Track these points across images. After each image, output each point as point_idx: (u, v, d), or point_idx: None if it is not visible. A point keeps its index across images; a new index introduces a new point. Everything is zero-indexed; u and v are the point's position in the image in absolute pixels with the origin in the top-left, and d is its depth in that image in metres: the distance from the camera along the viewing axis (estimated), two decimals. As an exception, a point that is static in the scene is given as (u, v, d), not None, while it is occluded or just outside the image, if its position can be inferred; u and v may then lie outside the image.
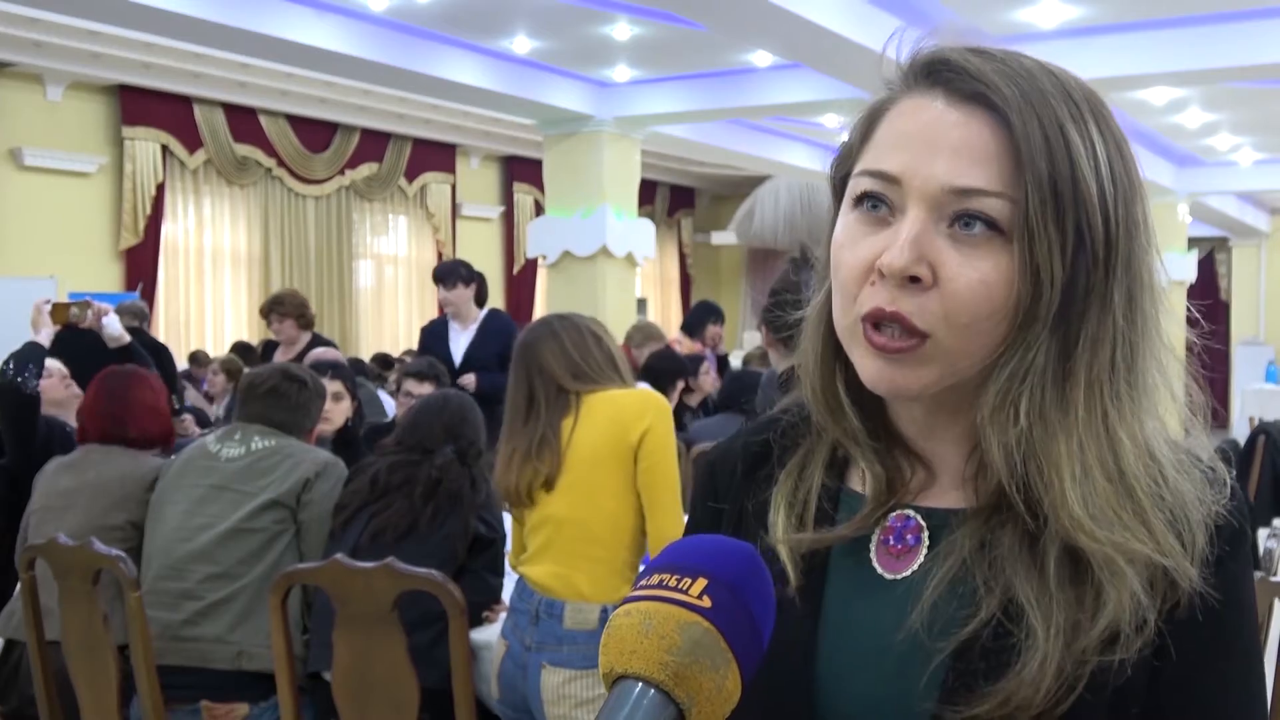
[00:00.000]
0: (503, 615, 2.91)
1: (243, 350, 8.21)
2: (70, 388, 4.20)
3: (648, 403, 2.76)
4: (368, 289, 12.30)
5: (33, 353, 3.84)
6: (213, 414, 6.81)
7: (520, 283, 14.05)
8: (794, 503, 0.94)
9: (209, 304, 10.81)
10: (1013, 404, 0.83)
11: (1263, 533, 4.33)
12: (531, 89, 8.20)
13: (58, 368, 4.18)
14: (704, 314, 7.38)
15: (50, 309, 4.26)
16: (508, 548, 3.27)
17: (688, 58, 8.13)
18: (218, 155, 10.58)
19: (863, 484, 0.93)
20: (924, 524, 0.90)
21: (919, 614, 0.85)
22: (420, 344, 5.93)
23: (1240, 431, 10.40)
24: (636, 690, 0.65)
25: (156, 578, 2.98)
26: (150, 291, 9.91)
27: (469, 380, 5.24)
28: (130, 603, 2.57)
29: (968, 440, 0.88)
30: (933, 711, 0.83)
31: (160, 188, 10.18)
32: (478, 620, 2.92)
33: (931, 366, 0.83)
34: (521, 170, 13.59)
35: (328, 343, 5.80)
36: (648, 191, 13.97)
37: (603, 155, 8.75)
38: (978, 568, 0.84)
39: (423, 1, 6.90)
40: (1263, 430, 6.09)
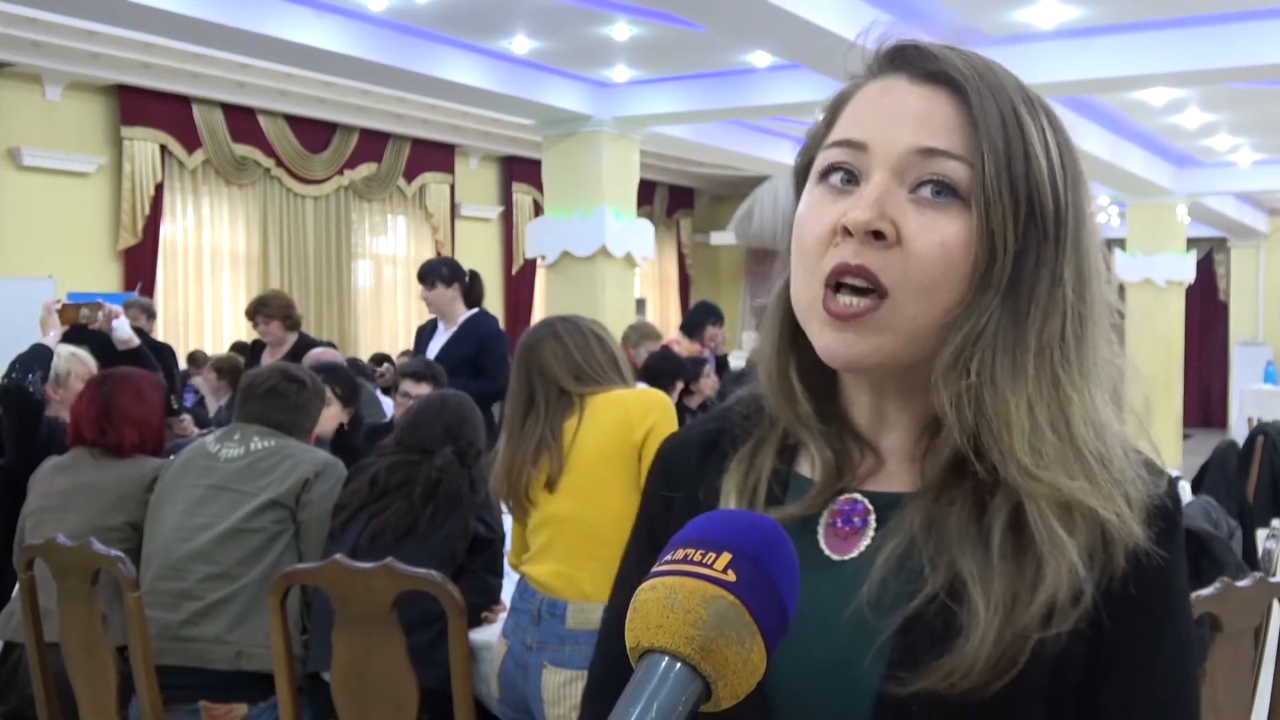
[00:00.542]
0: (502, 616, 2.91)
1: (241, 350, 8.21)
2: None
3: (652, 402, 2.76)
4: (366, 289, 12.30)
5: (38, 356, 3.84)
6: (213, 410, 6.80)
7: (519, 283, 14.05)
8: (744, 488, 0.96)
9: (208, 304, 10.81)
10: (964, 363, 0.86)
11: (1262, 533, 4.33)
12: (530, 89, 8.20)
13: (88, 370, 4.09)
14: (703, 315, 7.37)
15: (60, 310, 4.24)
16: (506, 548, 3.27)
17: (687, 58, 8.13)
18: (216, 155, 10.58)
19: (812, 469, 0.95)
20: (871, 507, 0.93)
21: (868, 590, 0.88)
22: (414, 343, 5.92)
23: (1239, 432, 10.40)
24: (663, 664, 0.66)
25: (155, 578, 2.98)
26: (149, 292, 9.90)
27: None
28: (129, 603, 2.57)
29: (915, 426, 0.92)
30: (878, 687, 0.86)
31: (159, 188, 10.18)
32: (476, 621, 2.91)
33: (886, 334, 0.86)
34: (520, 170, 13.58)
35: (315, 342, 5.77)
36: (647, 192, 13.97)
37: (602, 155, 8.75)
38: (924, 546, 0.87)
39: (422, 2, 6.90)
40: (1262, 430, 6.10)
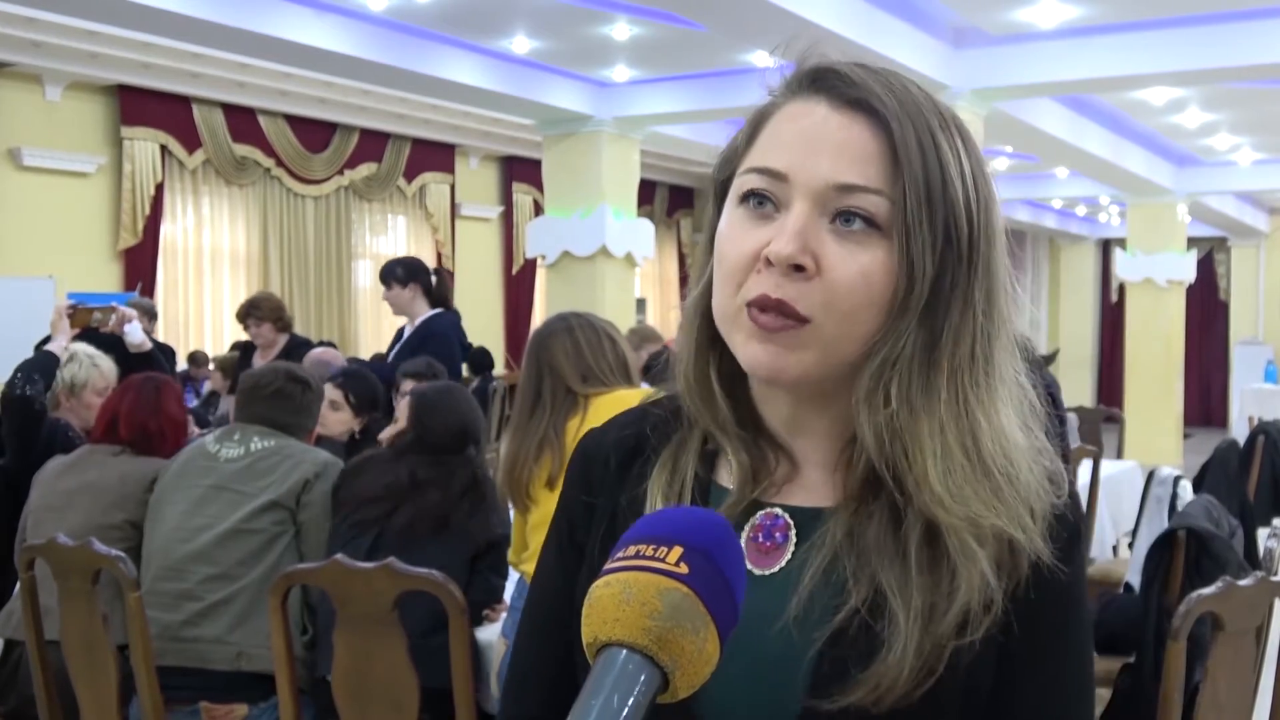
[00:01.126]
0: (503, 615, 2.91)
1: (241, 349, 8.20)
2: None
3: (653, 402, 2.76)
4: (367, 289, 12.28)
5: (42, 362, 3.83)
6: (222, 409, 6.79)
7: (519, 283, 14.04)
8: (669, 496, 0.97)
9: (208, 304, 10.80)
10: (884, 388, 0.88)
11: (1263, 532, 4.32)
12: (531, 89, 8.20)
13: (106, 382, 4.07)
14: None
15: (71, 314, 4.22)
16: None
17: (687, 58, 8.13)
18: (217, 155, 10.57)
19: (730, 478, 0.97)
20: (791, 522, 0.94)
21: (796, 606, 0.90)
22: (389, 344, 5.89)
23: (1239, 431, 10.39)
24: (621, 656, 0.66)
25: (156, 578, 2.98)
26: (149, 292, 9.89)
27: None
28: (130, 603, 2.57)
29: (832, 435, 0.94)
30: (804, 704, 0.87)
31: (159, 188, 10.17)
32: (477, 620, 2.91)
33: (809, 350, 0.88)
34: (521, 170, 13.57)
35: (306, 343, 5.76)
36: (647, 191, 13.95)
37: (602, 155, 8.75)
38: (846, 559, 0.90)
39: (422, 1, 6.89)
40: (1262, 430, 6.09)
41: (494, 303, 13.88)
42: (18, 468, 3.66)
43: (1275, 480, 5.91)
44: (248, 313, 5.67)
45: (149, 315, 6.62)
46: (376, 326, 12.19)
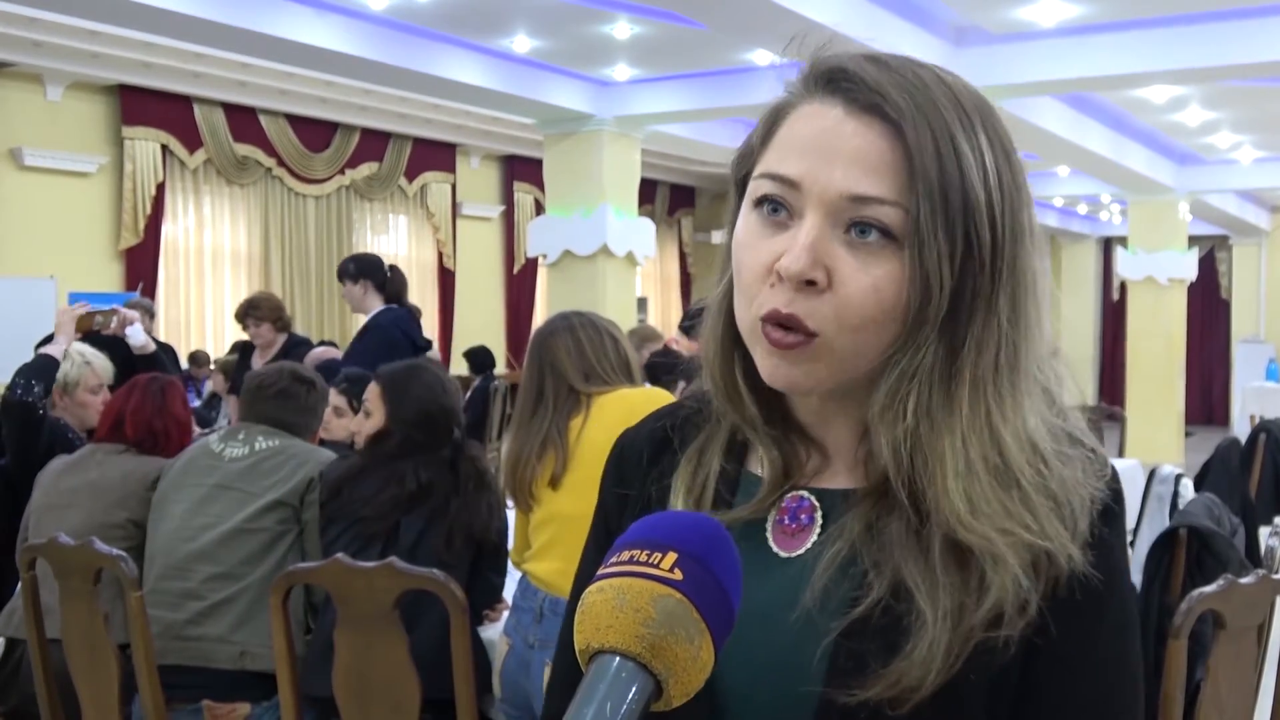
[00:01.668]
0: (504, 614, 2.91)
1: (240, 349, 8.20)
2: (105, 404, 4.10)
3: (656, 401, 2.75)
4: (368, 288, 12.30)
5: (42, 367, 3.83)
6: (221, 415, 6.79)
7: (521, 282, 14.04)
8: (692, 487, 0.96)
9: (209, 304, 10.81)
10: (901, 402, 0.86)
11: (1264, 530, 4.32)
12: (531, 88, 8.20)
13: (102, 388, 4.07)
14: (702, 314, 7.35)
15: (79, 317, 4.20)
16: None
17: (688, 57, 8.13)
18: (218, 155, 10.58)
19: (761, 467, 0.96)
20: (817, 504, 0.94)
21: (811, 593, 0.88)
22: None
23: (1241, 429, 10.40)
24: (614, 664, 0.66)
25: (159, 577, 2.98)
26: (150, 292, 9.89)
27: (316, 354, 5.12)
28: (131, 602, 2.57)
29: (860, 425, 0.92)
30: (823, 693, 0.86)
31: (160, 187, 10.18)
32: (478, 620, 2.91)
33: (822, 364, 0.87)
34: (522, 169, 13.58)
35: (305, 342, 5.75)
36: (648, 191, 13.95)
37: (603, 154, 8.75)
38: (866, 549, 0.88)
39: (422, 1, 6.90)
40: (1264, 428, 6.09)
41: (495, 302, 13.89)
42: (18, 469, 3.67)
43: (1277, 478, 5.91)
44: (247, 312, 5.67)
45: (147, 314, 6.61)
46: (378, 326, 12.18)
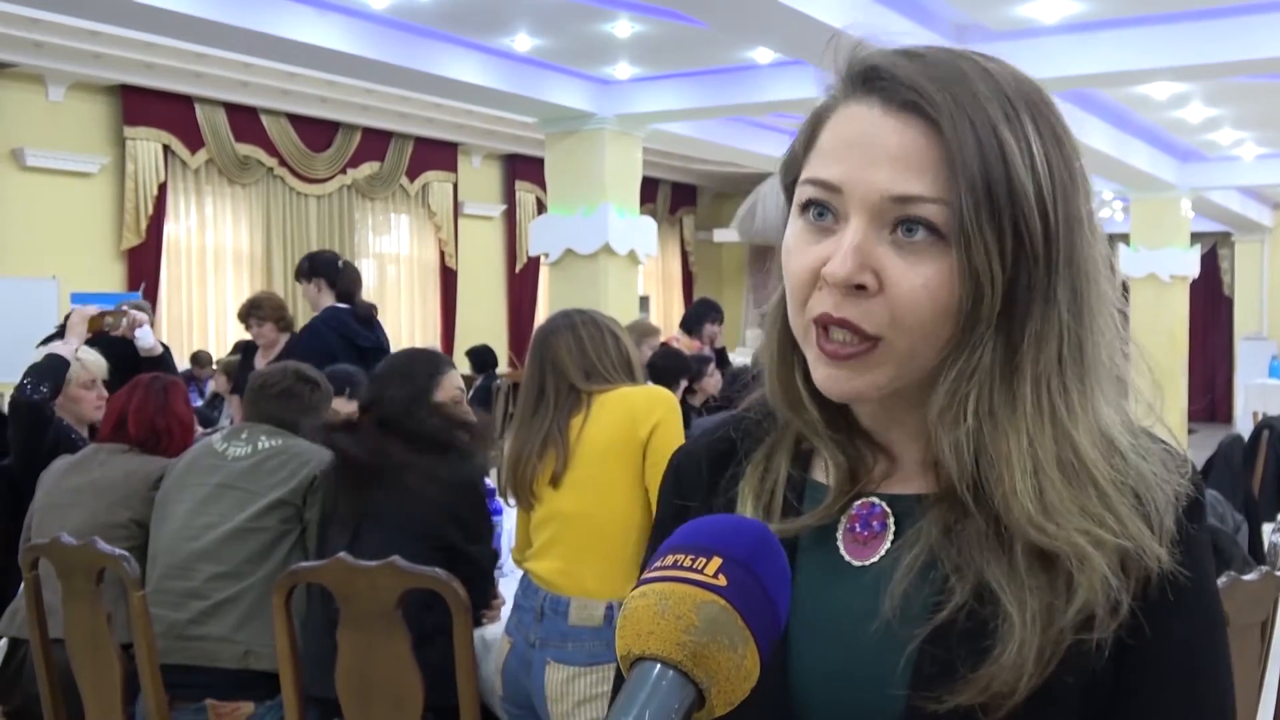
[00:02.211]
0: (505, 615, 2.90)
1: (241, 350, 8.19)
2: (100, 409, 4.10)
3: (657, 399, 2.76)
4: (370, 288, 12.27)
5: (51, 367, 3.83)
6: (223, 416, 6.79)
7: (522, 281, 14.05)
8: (760, 495, 0.94)
9: (211, 304, 10.82)
10: (960, 403, 0.84)
11: (1268, 527, 4.32)
12: (533, 87, 8.20)
13: (97, 383, 4.09)
14: (703, 312, 7.37)
15: (89, 319, 4.22)
16: (505, 543, 3.26)
17: (689, 55, 8.13)
18: (219, 155, 10.58)
19: (826, 474, 0.94)
20: (889, 510, 0.91)
21: (890, 601, 0.86)
22: None
23: (1244, 427, 10.38)
24: (655, 671, 0.64)
25: (162, 576, 2.98)
26: (152, 292, 9.91)
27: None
28: (134, 602, 2.57)
29: (926, 429, 0.89)
30: (909, 700, 0.83)
31: (162, 188, 10.19)
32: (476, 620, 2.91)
33: (882, 369, 0.85)
34: (523, 168, 13.58)
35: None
36: (649, 189, 13.96)
37: (604, 153, 8.75)
38: (945, 553, 0.85)
39: (424, 0, 6.90)
40: (1267, 425, 6.08)
41: (497, 301, 13.89)
42: (22, 469, 3.67)
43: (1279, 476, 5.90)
44: (249, 312, 5.66)
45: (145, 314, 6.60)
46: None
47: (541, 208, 11.99)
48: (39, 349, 4.11)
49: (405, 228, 12.74)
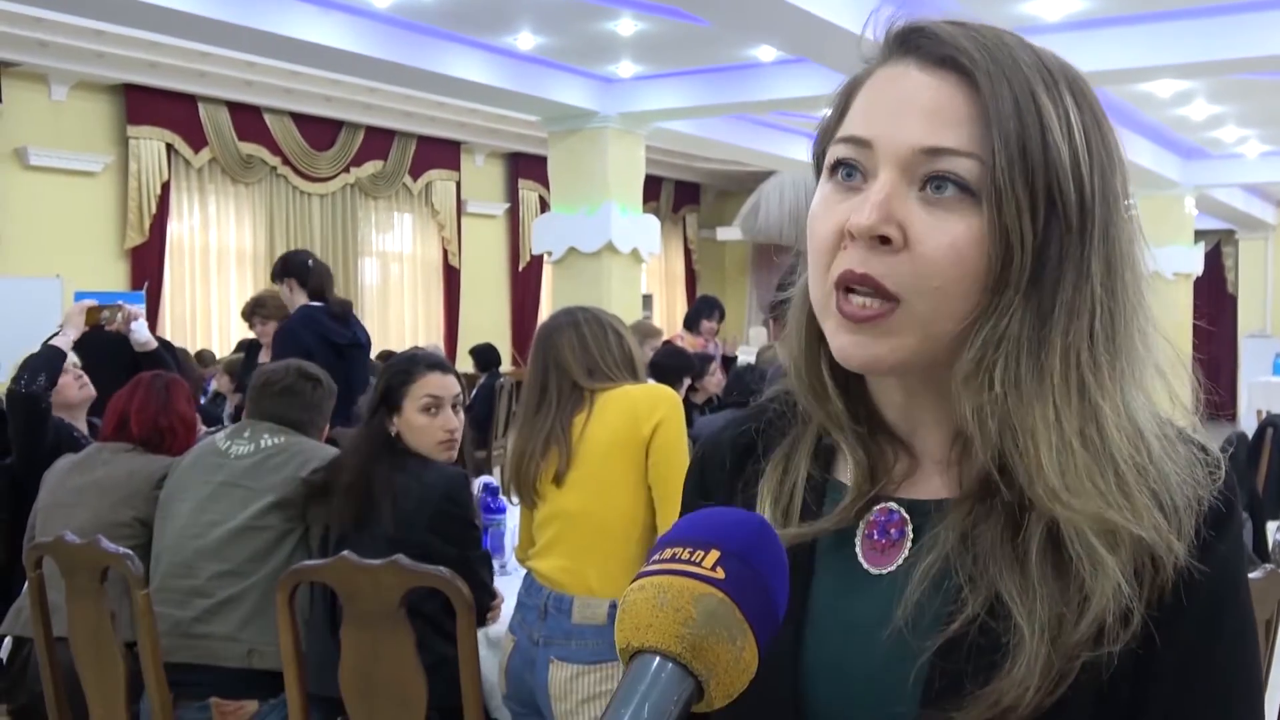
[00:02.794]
0: (507, 613, 2.90)
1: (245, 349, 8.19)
2: (84, 389, 4.16)
3: (660, 397, 2.76)
4: (373, 287, 12.31)
5: (47, 360, 3.84)
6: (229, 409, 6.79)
7: (526, 279, 14.04)
8: (779, 496, 0.93)
9: (215, 302, 10.83)
10: (987, 370, 0.81)
11: (1271, 525, 4.32)
12: (536, 85, 8.20)
13: (71, 367, 4.13)
14: (700, 308, 7.39)
15: (87, 312, 4.24)
16: (509, 542, 3.26)
17: (692, 53, 8.12)
18: (223, 154, 10.59)
19: (847, 473, 0.92)
20: (907, 517, 0.90)
21: (903, 611, 0.84)
22: None
23: (1247, 424, 10.37)
24: (654, 664, 0.65)
25: (166, 575, 2.98)
26: (156, 291, 9.92)
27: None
28: (138, 600, 2.58)
29: (949, 425, 0.87)
30: (918, 711, 0.83)
31: (165, 186, 10.19)
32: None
33: (901, 335, 0.82)
34: (526, 167, 13.58)
35: None
36: (652, 187, 13.94)
37: (607, 151, 8.75)
38: (960, 563, 0.83)
39: (427, -2, 6.90)
40: (1270, 423, 6.08)
41: (500, 299, 13.89)
42: (24, 468, 3.68)
43: (1284, 473, 5.89)
44: (253, 311, 5.66)
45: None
46: (383, 324, 12.21)
47: (545, 206, 12.00)
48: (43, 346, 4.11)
49: (408, 226, 12.74)
